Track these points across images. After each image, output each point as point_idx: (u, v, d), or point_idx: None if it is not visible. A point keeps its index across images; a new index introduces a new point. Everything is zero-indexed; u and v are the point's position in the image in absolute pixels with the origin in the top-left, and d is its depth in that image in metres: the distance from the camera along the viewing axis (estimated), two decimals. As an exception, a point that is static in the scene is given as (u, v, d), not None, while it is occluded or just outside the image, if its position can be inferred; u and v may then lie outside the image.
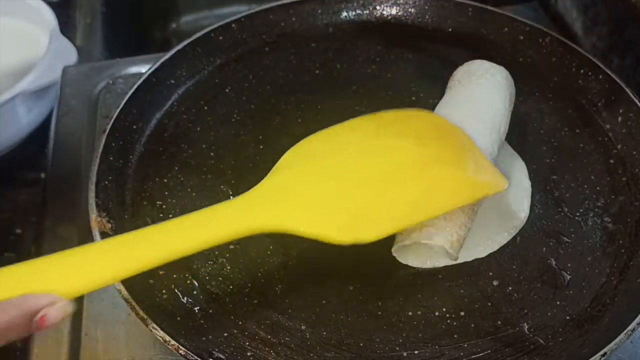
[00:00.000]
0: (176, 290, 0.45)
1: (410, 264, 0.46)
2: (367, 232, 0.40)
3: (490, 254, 0.47)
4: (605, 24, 0.68)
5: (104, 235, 0.45)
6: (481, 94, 0.51)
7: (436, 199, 0.42)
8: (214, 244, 0.39)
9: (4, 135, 0.72)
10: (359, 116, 0.48)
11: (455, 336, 0.43)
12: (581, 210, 0.50)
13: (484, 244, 0.47)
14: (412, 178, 0.43)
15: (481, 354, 0.42)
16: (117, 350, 0.46)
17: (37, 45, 0.75)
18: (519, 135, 0.55)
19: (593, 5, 0.69)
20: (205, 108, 0.58)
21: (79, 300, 0.49)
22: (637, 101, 0.53)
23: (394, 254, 0.46)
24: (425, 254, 0.46)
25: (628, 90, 0.54)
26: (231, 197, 0.51)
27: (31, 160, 0.73)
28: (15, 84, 0.68)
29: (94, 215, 0.46)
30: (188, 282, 0.45)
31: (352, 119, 0.47)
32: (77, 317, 0.48)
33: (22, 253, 0.65)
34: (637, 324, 0.41)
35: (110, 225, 0.46)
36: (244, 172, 0.53)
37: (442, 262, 0.46)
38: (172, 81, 0.58)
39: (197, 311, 0.44)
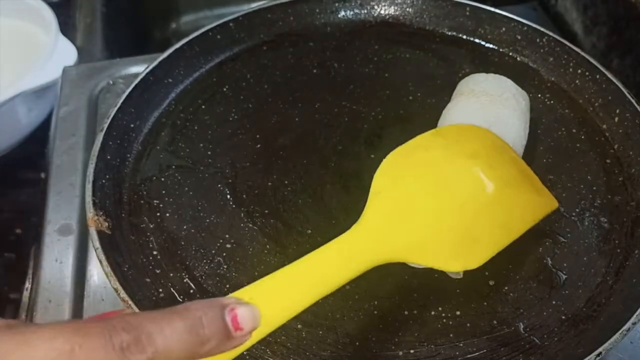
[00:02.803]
0: (173, 290, 0.45)
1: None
2: (472, 260, 0.40)
3: (486, 253, 0.47)
4: (605, 24, 0.68)
5: (101, 234, 0.45)
6: (508, 119, 0.49)
7: (517, 221, 0.43)
8: (341, 283, 0.36)
9: (4, 135, 0.73)
10: (419, 135, 0.46)
11: (451, 335, 0.43)
12: (577, 210, 0.50)
13: None
14: (496, 202, 0.43)
15: (477, 354, 0.42)
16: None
17: (37, 45, 0.75)
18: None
19: (593, 5, 0.69)
20: (203, 107, 0.58)
21: (79, 300, 0.50)
22: (634, 101, 0.53)
23: None
24: None
25: (625, 91, 0.54)
26: (228, 196, 0.51)
27: (31, 160, 0.74)
28: (15, 84, 0.69)
29: (90, 214, 0.46)
30: (185, 281, 0.46)
31: (415, 139, 0.45)
32: (77, 317, 0.48)
33: (22, 253, 0.66)
34: (633, 323, 0.40)
35: (107, 224, 0.46)
36: (241, 172, 0.53)
37: None
38: (170, 80, 0.58)
39: (193, 310, 0.44)
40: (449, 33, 0.64)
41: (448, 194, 0.42)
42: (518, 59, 0.61)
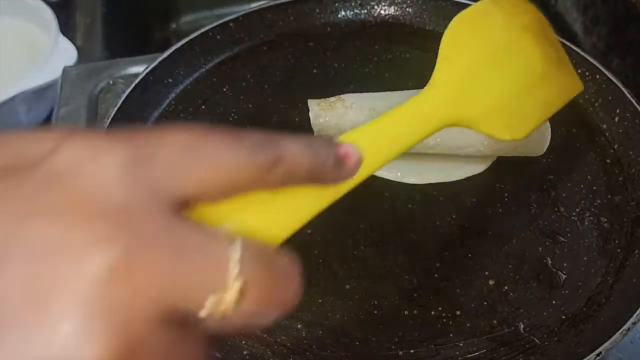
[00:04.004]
0: (172, 289, 0.45)
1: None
2: (519, 131, 0.42)
3: (486, 253, 0.47)
4: (606, 24, 0.68)
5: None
6: None
7: (554, 99, 0.45)
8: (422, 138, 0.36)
9: (4, 135, 0.72)
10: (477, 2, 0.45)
11: (451, 335, 0.43)
12: (577, 209, 0.50)
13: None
14: (542, 78, 0.44)
15: (477, 353, 0.42)
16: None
17: (37, 45, 0.75)
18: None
19: (593, 5, 0.69)
20: (203, 107, 0.58)
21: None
22: (634, 101, 0.53)
23: None
24: None
25: (625, 91, 0.54)
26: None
27: (31, 160, 0.73)
28: (15, 84, 0.69)
29: (90, 214, 0.46)
30: (184, 281, 0.46)
31: (474, 5, 0.44)
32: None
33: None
34: (633, 323, 0.40)
35: (107, 224, 0.46)
36: (241, 172, 0.53)
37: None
38: (170, 80, 0.58)
39: (193, 310, 0.44)
40: (449, 33, 0.64)
41: (508, 65, 0.43)
42: (518, 58, 0.61)
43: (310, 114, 0.52)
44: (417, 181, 0.52)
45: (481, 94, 0.41)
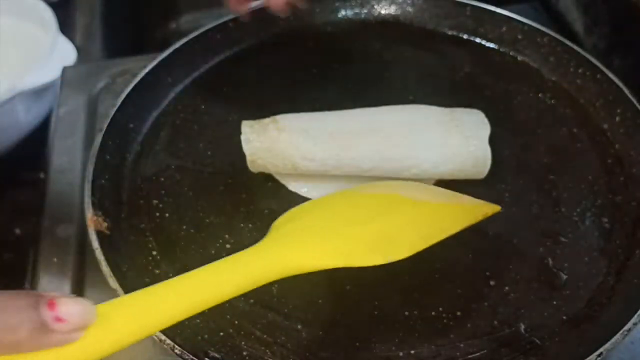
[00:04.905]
0: (172, 290, 0.45)
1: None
2: (393, 254, 0.41)
3: (487, 253, 0.47)
4: (606, 23, 0.67)
5: (100, 234, 0.45)
6: None
7: (448, 224, 0.44)
8: (240, 292, 0.36)
9: (3, 135, 0.72)
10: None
11: (452, 336, 0.43)
12: (578, 210, 0.50)
13: None
14: (407, 210, 0.44)
15: (477, 354, 0.42)
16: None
17: (37, 45, 0.75)
18: (517, 134, 0.55)
19: (594, 5, 0.69)
20: (202, 107, 0.58)
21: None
22: (634, 101, 0.53)
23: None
24: None
25: (626, 90, 0.54)
26: (228, 196, 0.51)
27: (31, 160, 0.73)
28: (15, 83, 0.69)
29: (89, 214, 0.46)
30: (184, 281, 0.45)
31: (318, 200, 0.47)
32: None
33: (22, 253, 0.65)
34: (634, 324, 0.40)
35: (106, 224, 0.46)
36: (240, 172, 0.52)
37: None
38: (169, 80, 0.58)
39: (192, 310, 0.44)
40: (450, 33, 0.64)
41: (350, 216, 0.43)
42: (519, 58, 0.61)
43: (242, 138, 0.50)
44: None
45: (317, 237, 0.40)
